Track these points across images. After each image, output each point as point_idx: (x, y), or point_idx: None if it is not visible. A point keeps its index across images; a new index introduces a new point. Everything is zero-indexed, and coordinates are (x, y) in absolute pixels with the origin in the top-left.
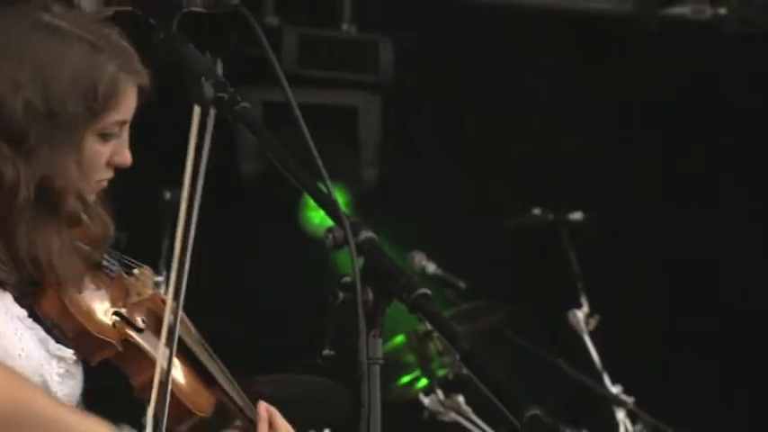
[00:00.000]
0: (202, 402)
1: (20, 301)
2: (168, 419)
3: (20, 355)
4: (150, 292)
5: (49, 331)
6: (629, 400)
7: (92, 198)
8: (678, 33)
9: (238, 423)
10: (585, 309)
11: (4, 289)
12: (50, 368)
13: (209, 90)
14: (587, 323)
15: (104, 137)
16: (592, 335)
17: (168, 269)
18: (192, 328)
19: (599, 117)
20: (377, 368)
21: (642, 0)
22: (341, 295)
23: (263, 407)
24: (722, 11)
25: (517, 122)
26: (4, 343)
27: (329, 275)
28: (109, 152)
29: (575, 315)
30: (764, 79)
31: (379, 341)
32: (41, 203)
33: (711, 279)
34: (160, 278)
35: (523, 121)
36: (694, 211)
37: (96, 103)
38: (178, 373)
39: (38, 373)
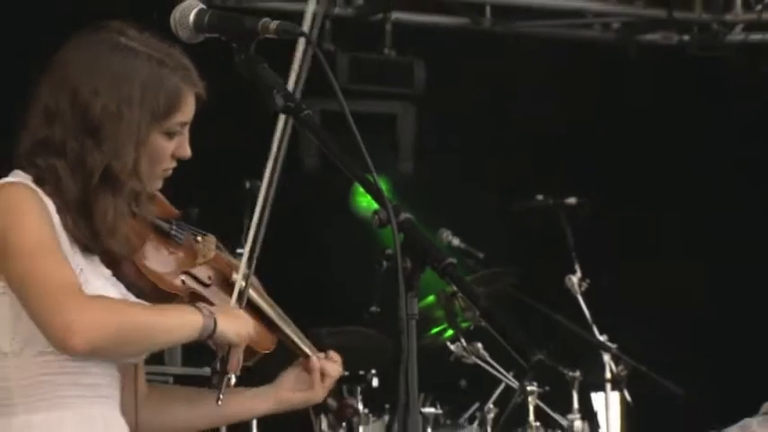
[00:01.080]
0: (264, 342)
1: (105, 263)
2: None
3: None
4: (213, 254)
5: (129, 287)
6: (613, 346)
7: (159, 183)
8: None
9: (302, 359)
10: (579, 274)
11: (93, 253)
12: None
13: (280, 100)
14: (580, 286)
15: (169, 135)
16: (584, 295)
17: (246, 241)
18: (259, 286)
19: (589, 125)
20: (413, 322)
21: (623, 29)
22: (385, 264)
23: (333, 352)
24: (686, 37)
25: (523, 128)
26: (95, 293)
27: (375, 249)
28: (173, 147)
29: (570, 279)
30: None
31: (415, 300)
32: (106, 185)
33: (682, 236)
34: (241, 250)
35: (527, 126)
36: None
37: (159, 107)
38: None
39: None
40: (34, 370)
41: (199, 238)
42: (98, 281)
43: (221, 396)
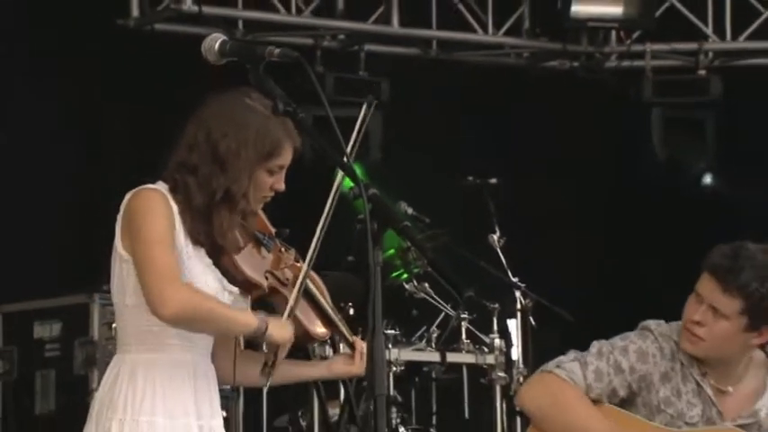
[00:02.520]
0: (317, 330)
1: (209, 255)
2: (297, 337)
3: (205, 285)
4: (292, 263)
5: (224, 274)
6: (522, 285)
7: (260, 206)
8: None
9: (346, 344)
10: (498, 234)
11: (202, 247)
12: (223, 296)
13: (281, 105)
14: (499, 242)
15: (270, 172)
16: (501, 249)
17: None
18: (320, 283)
19: (506, 124)
20: (378, 268)
21: (530, 57)
22: (358, 226)
23: (359, 341)
24: (575, 64)
25: (460, 125)
26: (196, 278)
27: (351, 215)
28: (272, 181)
29: (492, 237)
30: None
31: (380, 252)
32: (225, 203)
33: (577, 207)
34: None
35: (464, 125)
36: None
37: (265, 151)
38: (303, 309)
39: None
40: (144, 321)
41: (283, 250)
42: (200, 266)
43: (269, 382)
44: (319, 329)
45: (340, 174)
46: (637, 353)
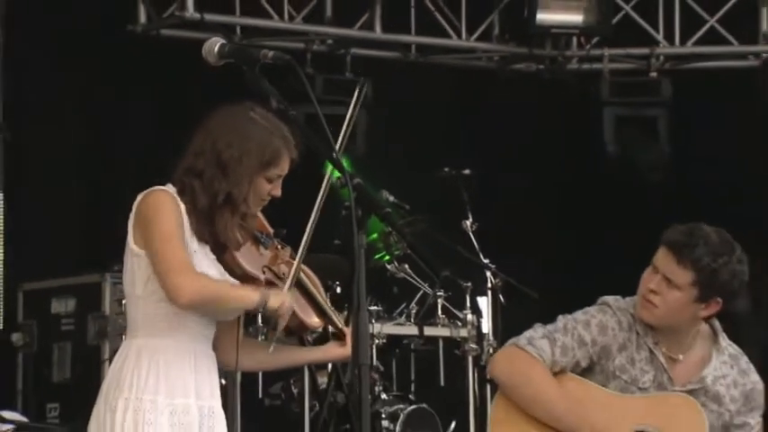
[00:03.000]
0: (311, 320)
1: (213, 251)
2: (293, 327)
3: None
4: (287, 259)
5: (225, 268)
6: (492, 266)
7: (259, 209)
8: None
9: (332, 330)
10: (471, 219)
11: (206, 243)
12: None
13: (274, 103)
14: (472, 227)
15: (269, 180)
16: (474, 233)
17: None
18: (315, 278)
19: (478, 119)
20: (362, 251)
21: (500, 61)
22: (344, 212)
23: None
24: (541, 66)
25: (436, 120)
26: (202, 272)
27: (338, 202)
28: (270, 188)
29: (465, 223)
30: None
31: (364, 236)
32: (227, 205)
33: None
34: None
35: (439, 119)
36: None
37: (265, 160)
38: (298, 302)
39: None
40: (153, 310)
41: (279, 247)
42: (205, 261)
43: (272, 347)
44: (314, 320)
45: (328, 174)
46: (598, 326)
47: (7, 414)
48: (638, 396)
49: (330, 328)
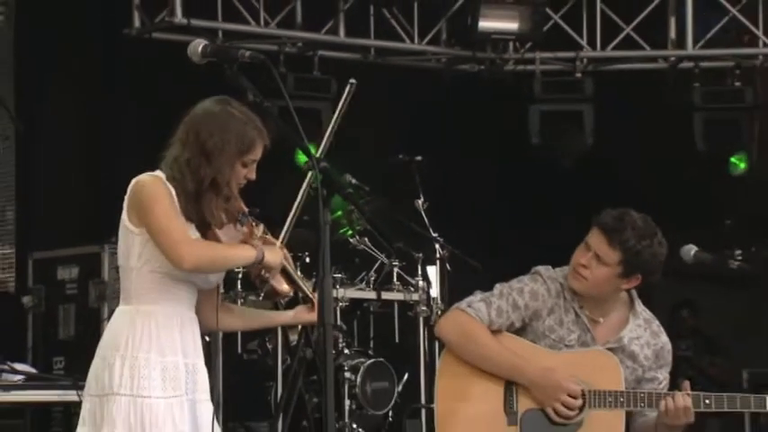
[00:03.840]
0: (282, 287)
1: (197, 229)
2: (267, 293)
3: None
4: (261, 235)
5: None
6: (441, 239)
7: (237, 190)
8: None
9: (307, 298)
10: (422, 199)
11: (192, 222)
12: None
13: (251, 97)
14: (423, 206)
15: (245, 165)
16: (425, 211)
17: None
18: (288, 254)
19: (428, 110)
20: (327, 227)
21: (447, 62)
22: (312, 192)
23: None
24: (482, 67)
25: (394, 114)
26: None
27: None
28: (245, 172)
29: (417, 202)
30: None
31: (328, 213)
32: (211, 189)
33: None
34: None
35: (397, 113)
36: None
37: (243, 148)
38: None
39: None
40: (145, 281)
41: (254, 225)
42: (193, 237)
43: (262, 294)
44: (284, 287)
45: (309, 174)
46: (530, 293)
47: (19, 366)
48: (566, 352)
49: (300, 294)
